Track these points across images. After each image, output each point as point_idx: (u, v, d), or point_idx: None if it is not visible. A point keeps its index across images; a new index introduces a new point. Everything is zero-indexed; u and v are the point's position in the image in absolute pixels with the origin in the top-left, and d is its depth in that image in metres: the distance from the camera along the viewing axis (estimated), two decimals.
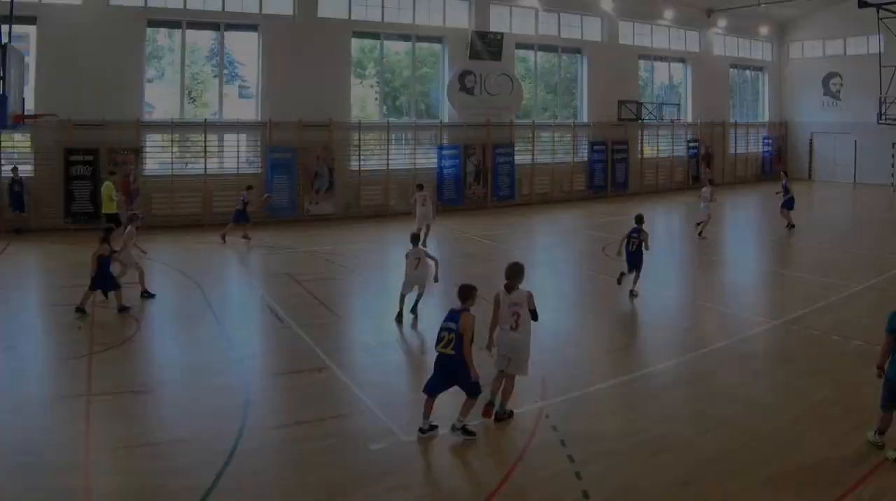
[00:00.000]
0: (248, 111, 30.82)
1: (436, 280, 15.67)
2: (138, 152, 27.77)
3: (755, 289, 19.83)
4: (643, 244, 17.23)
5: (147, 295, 17.03)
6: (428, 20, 34.28)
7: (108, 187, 24.16)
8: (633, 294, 17.29)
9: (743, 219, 26.33)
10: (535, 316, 10.36)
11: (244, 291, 19.21)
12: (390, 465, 8.96)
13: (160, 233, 25.86)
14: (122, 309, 15.75)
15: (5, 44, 17.58)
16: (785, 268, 20.66)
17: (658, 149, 42.97)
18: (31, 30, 26.58)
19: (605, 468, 8.79)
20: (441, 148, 34.08)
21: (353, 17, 32.26)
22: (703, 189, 26.71)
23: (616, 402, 11.14)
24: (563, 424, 9.99)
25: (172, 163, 28.75)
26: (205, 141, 29.16)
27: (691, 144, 43.71)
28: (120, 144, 27.36)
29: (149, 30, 29.02)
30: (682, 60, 44.10)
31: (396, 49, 35.12)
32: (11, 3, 19.11)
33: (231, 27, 30.28)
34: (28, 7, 25.41)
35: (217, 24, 29.87)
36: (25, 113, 21.20)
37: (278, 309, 16.15)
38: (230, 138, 30.12)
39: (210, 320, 15.54)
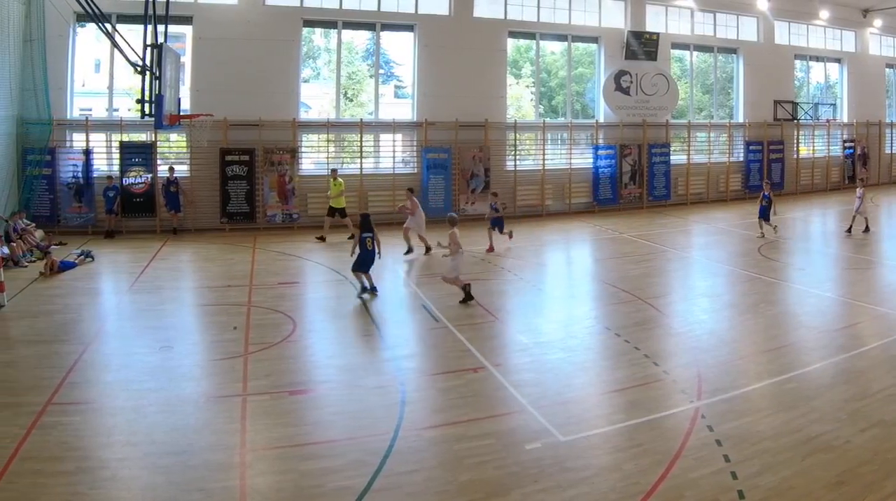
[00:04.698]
0: (403, 111, 25.39)
1: None
2: (294, 152, 22.88)
3: None
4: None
5: None
6: (584, 20, 27.90)
7: None
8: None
9: None
10: None
11: (399, 291, 15.82)
12: (546, 465, 7.54)
13: (316, 231, 21.76)
14: None
15: (161, 43, 15.22)
16: None
17: (814, 149, 34.87)
18: (187, 30, 22.35)
19: (760, 468, 7.42)
20: (597, 147, 27.75)
21: (508, 17, 26.44)
22: (858, 189, 22.27)
23: (771, 402, 9.37)
24: (718, 424, 8.53)
25: (328, 163, 23.64)
26: (360, 141, 24.03)
27: (847, 144, 35.44)
28: (276, 144, 22.65)
29: (305, 29, 23.98)
30: (837, 60, 35.62)
31: (552, 49, 28.81)
32: (167, 2, 16.35)
33: (387, 27, 24.98)
34: (184, 7, 21.41)
35: (373, 23, 24.61)
36: (181, 113, 17.82)
37: (433, 308, 13.65)
38: (386, 138, 24.81)
39: (365, 320, 13.28)
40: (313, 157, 24.20)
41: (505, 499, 6.96)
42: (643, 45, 28.60)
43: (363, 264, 14.67)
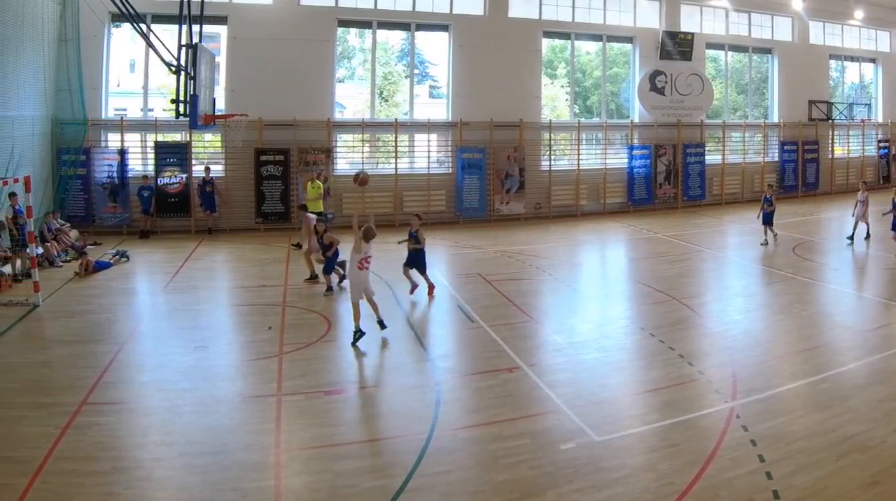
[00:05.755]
0: (438, 111, 24.51)
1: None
2: (329, 152, 22.10)
3: None
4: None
5: None
6: (618, 20, 26.92)
7: None
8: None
9: None
10: None
11: (435, 292, 14.81)
12: (581, 465, 7.37)
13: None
14: None
15: (196, 43, 14.89)
16: None
17: (849, 149, 33.60)
18: (221, 30, 21.63)
19: (795, 468, 7.23)
20: (631, 147, 26.77)
21: (543, 17, 25.50)
22: (860, 193, 20.41)
23: (806, 402, 9.03)
24: (753, 424, 8.23)
25: (363, 163, 22.85)
26: (395, 141, 23.23)
27: (882, 144, 34.08)
28: (311, 144, 21.89)
29: (339, 29, 23.19)
30: (872, 60, 34.29)
31: (587, 49, 27.79)
32: (202, 2, 16.03)
33: (422, 27, 24.14)
34: (219, 7, 20.71)
35: (408, 24, 23.80)
36: (216, 113, 17.40)
37: (469, 309, 13.30)
38: (420, 138, 23.96)
39: (401, 320, 12.70)
40: (348, 157, 23.44)
41: (540, 499, 6.85)
42: (678, 45, 27.58)
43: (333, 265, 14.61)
